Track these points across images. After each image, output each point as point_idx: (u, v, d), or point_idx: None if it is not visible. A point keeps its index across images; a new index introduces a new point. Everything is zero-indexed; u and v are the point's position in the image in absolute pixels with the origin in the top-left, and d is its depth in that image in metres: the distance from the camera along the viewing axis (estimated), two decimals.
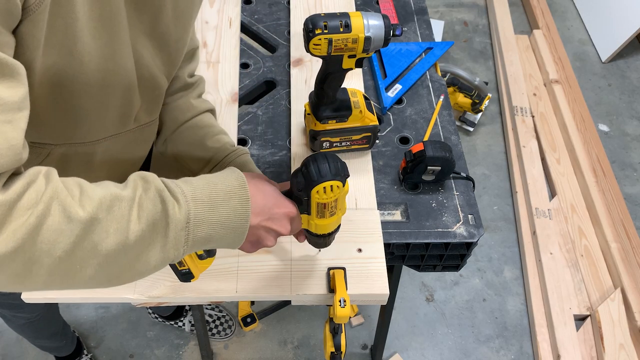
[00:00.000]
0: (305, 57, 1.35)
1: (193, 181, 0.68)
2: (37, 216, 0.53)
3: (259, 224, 0.73)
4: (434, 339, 1.94)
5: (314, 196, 0.76)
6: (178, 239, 0.64)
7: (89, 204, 0.57)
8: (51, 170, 0.58)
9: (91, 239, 0.56)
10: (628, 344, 1.81)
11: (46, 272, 0.55)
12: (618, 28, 2.80)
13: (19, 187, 0.53)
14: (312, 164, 0.75)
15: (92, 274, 0.58)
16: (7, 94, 0.53)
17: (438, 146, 1.07)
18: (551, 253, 2.02)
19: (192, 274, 0.82)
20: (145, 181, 0.63)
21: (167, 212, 0.62)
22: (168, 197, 0.63)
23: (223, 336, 1.88)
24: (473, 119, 2.48)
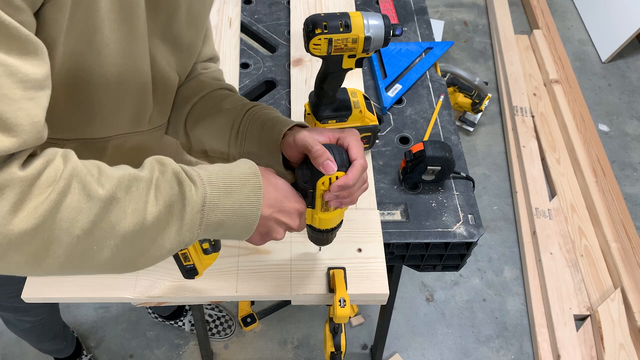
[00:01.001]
0: (305, 57, 1.35)
1: (208, 167, 0.68)
2: (58, 193, 0.53)
3: (270, 215, 0.73)
4: (434, 339, 1.94)
5: (319, 188, 0.76)
6: (194, 221, 0.64)
7: (108, 183, 0.57)
8: (68, 151, 0.58)
9: (109, 218, 0.56)
10: (628, 344, 1.81)
11: (64, 252, 0.55)
12: (618, 28, 2.81)
13: (39, 164, 0.53)
14: (309, 162, 0.75)
15: (109, 255, 0.58)
16: (30, 70, 0.53)
17: (438, 146, 1.07)
18: (551, 253, 2.02)
19: (196, 270, 0.82)
20: (162, 164, 0.64)
21: (184, 194, 0.62)
22: (185, 179, 0.63)
23: (223, 336, 1.88)
24: (473, 119, 2.48)
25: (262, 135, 0.83)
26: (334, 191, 0.74)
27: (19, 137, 0.51)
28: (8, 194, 0.50)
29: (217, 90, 0.92)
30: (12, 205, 0.50)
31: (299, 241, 1.00)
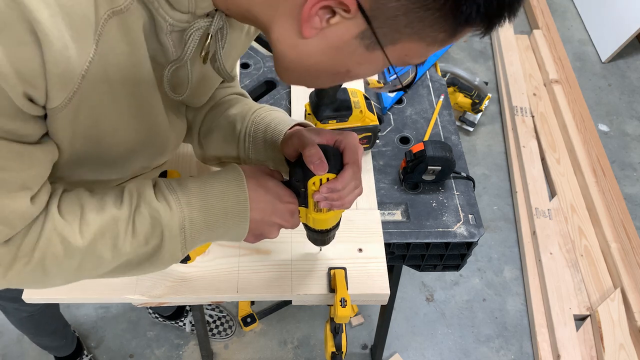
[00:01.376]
0: None
1: (188, 184, 0.70)
2: (40, 250, 0.61)
3: (262, 219, 0.74)
4: (434, 339, 1.94)
5: (310, 188, 0.76)
6: (174, 244, 0.68)
7: (88, 232, 0.63)
8: (52, 196, 0.64)
9: (91, 260, 0.64)
10: (628, 344, 1.81)
11: (61, 281, 0.66)
12: (618, 28, 2.81)
13: (19, 236, 0.60)
14: (302, 161, 0.75)
15: (103, 275, 0.68)
16: (25, 175, 0.59)
17: (438, 146, 1.07)
18: (551, 253, 2.02)
19: (188, 255, 0.86)
20: (139, 195, 0.67)
21: (161, 222, 0.66)
22: (161, 208, 0.66)
23: (223, 336, 1.88)
24: (473, 119, 2.48)
25: (266, 136, 0.84)
26: (322, 192, 0.74)
27: (13, 230, 0.59)
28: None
29: (226, 97, 0.91)
30: (1, 275, 0.61)
31: (299, 241, 1.00)
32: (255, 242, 0.79)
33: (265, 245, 0.99)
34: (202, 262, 0.96)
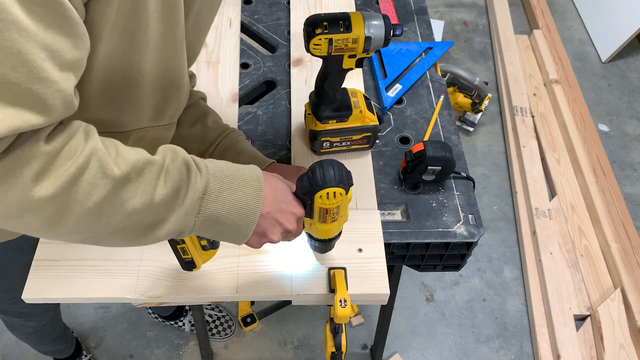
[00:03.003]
0: (305, 57, 1.35)
1: (218, 162, 0.73)
2: (77, 167, 0.57)
3: (267, 214, 0.75)
4: (434, 339, 1.94)
5: (317, 201, 0.77)
6: (193, 207, 0.68)
7: (123, 164, 0.61)
8: (90, 127, 0.62)
9: (120, 196, 0.61)
10: (628, 344, 1.81)
11: (75, 221, 0.59)
12: (618, 28, 2.81)
13: (62, 139, 0.57)
14: (318, 170, 0.77)
15: (114, 230, 0.63)
16: (72, 54, 0.56)
17: (438, 146, 1.07)
18: (551, 253, 2.02)
19: (194, 263, 0.85)
20: (174, 152, 0.68)
21: (190, 180, 0.67)
22: (193, 167, 0.68)
23: (223, 336, 1.88)
24: (473, 119, 2.48)
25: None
26: None
27: (52, 116, 0.55)
28: (32, 165, 0.54)
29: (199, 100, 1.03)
30: (35, 175, 0.55)
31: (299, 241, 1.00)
32: (257, 246, 0.80)
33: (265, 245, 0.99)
34: None
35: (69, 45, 0.55)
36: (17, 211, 0.56)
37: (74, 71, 0.58)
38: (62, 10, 0.53)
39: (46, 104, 0.54)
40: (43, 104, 0.53)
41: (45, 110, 0.54)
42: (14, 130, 0.51)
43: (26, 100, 0.52)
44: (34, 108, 0.53)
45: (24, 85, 0.51)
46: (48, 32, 0.52)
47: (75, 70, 0.58)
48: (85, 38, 0.58)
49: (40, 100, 0.53)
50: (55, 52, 0.54)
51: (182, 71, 0.82)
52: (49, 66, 0.53)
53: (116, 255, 0.97)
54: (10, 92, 0.51)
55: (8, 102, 0.51)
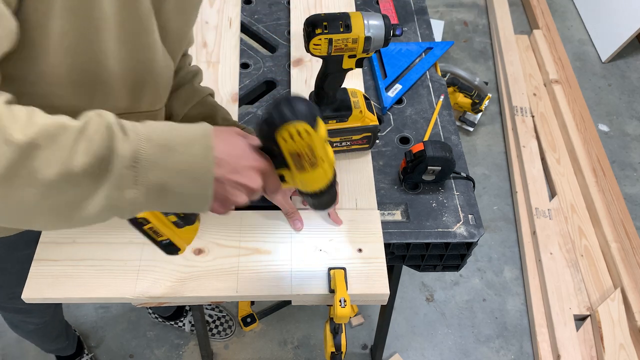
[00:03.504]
0: (305, 57, 1.35)
1: (153, 124, 0.64)
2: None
3: (223, 177, 0.66)
4: (434, 339, 1.94)
5: (281, 144, 0.68)
6: (123, 177, 0.59)
7: (31, 129, 0.54)
8: (8, 95, 0.57)
9: (29, 164, 0.54)
10: (628, 344, 1.81)
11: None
12: (618, 28, 2.81)
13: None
14: (274, 108, 0.67)
15: (33, 203, 0.56)
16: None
17: (438, 146, 1.07)
18: (551, 253, 2.02)
19: (175, 245, 0.75)
20: (99, 115, 0.60)
21: (114, 146, 0.58)
22: (117, 130, 0.59)
23: (223, 336, 1.88)
24: (473, 119, 2.48)
25: None
26: None
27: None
28: None
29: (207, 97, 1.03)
30: None
31: (299, 241, 1.00)
32: (223, 212, 0.71)
33: (265, 245, 0.99)
34: (202, 262, 0.97)
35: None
36: None
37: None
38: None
39: None
40: None
41: None
42: None
43: None
44: None
45: None
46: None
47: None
48: (2, 19, 0.56)
49: None
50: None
51: (153, 52, 0.77)
52: None
53: (116, 255, 0.97)
54: None
55: None
